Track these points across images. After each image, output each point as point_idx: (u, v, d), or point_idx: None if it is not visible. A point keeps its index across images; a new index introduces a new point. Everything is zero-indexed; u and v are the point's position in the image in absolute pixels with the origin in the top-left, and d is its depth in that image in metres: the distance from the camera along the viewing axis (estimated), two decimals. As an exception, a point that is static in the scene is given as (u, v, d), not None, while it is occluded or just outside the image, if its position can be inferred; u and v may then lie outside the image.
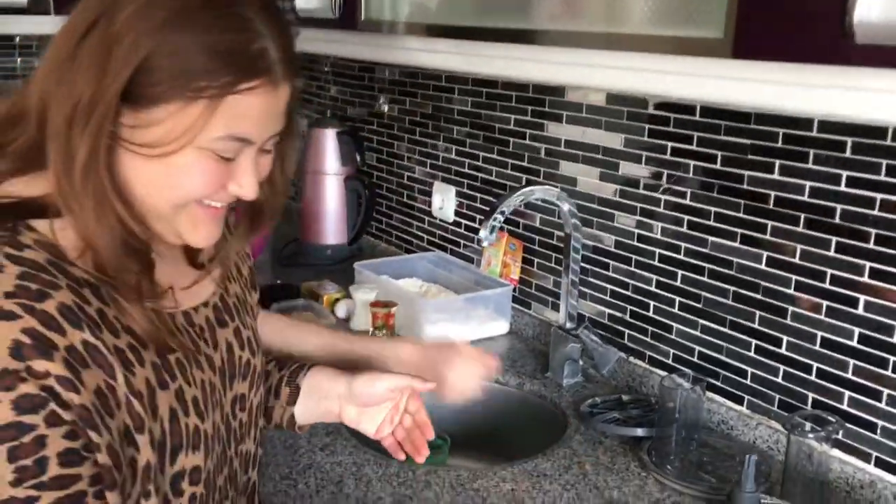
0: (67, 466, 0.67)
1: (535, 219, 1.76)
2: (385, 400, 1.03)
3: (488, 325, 1.78)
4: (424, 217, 2.12)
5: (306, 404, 1.04)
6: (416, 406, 1.05)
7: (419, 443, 1.05)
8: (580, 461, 1.29)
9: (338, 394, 1.04)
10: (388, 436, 1.05)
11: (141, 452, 0.73)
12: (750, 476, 1.09)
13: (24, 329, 0.66)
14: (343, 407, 1.03)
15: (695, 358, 1.44)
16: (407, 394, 1.04)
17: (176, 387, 0.78)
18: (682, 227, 1.43)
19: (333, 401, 1.04)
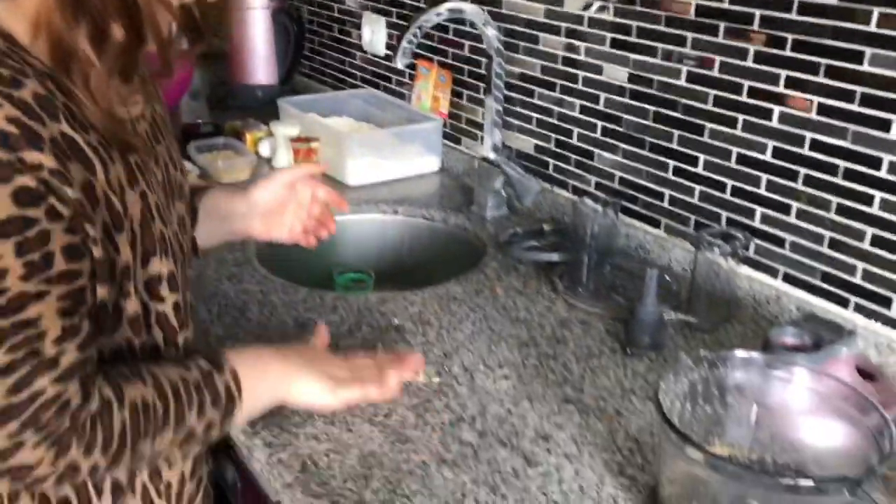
0: (71, 261, 0.66)
1: (463, 47, 1.68)
2: (286, 200, 1.04)
3: (418, 162, 1.73)
4: (356, 52, 2.03)
5: (207, 228, 1.02)
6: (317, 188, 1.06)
7: (325, 217, 1.08)
8: (492, 285, 1.27)
9: (241, 213, 1.04)
10: (300, 234, 1.07)
11: (120, 252, 0.72)
12: (651, 290, 1.08)
13: (7, 118, 0.63)
14: (248, 224, 1.04)
15: (616, 184, 1.40)
16: (305, 184, 1.05)
17: (140, 190, 0.74)
18: (605, 46, 1.36)
19: (237, 220, 1.04)
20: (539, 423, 0.95)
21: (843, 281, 1.11)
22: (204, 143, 1.74)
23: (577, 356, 1.09)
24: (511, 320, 1.17)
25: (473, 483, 0.85)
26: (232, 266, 1.31)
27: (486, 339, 1.12)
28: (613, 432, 0.93)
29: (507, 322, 1.17)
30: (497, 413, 0.96)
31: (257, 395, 0.81)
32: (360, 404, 0.93)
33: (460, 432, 0.93)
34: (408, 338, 1.12)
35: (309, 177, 1.05)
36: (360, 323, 1.16)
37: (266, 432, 0.92)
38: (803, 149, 1.11)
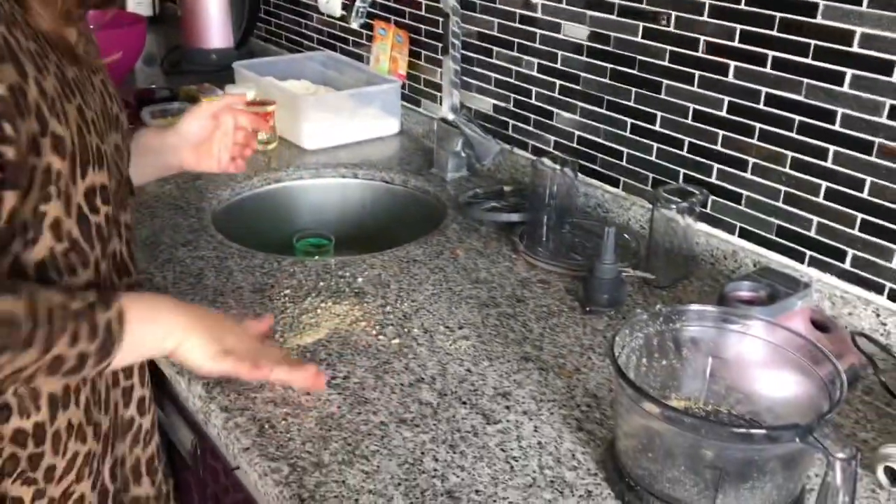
0: None
1: (420, 6, 1.65)
2: (212, 130, 1.08)
3: (377, 125, 1.71)
4: (313, 14, 1.99)
5: (141, 163, 1.01)
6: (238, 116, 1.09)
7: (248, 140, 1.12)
8: (452, 248, 1.27)
9: (171, 146, 1.07)
10: (228, 162, 1.10)
11: (42, 157, 0.71)
12: (609, 247, 1.08)
13: None
14: (179, 156, 1.07)
15: (574, 143, 1.40)
16: (227, 113, 1.08)
17: (77, 103, 0.76)
18: (562, 4, 1.34)
19: (168, 154, 1.07)
20: (498, 382, 0.95)
21: (799, 235, 1.12)
22: (158, 108, 1.70)
23: (537, 315, 1.09)
24: (471, 281, 1.17)
25: (433, 442, 0.85)
26: (187, 233, 1.29)
27: (446, 301, 1.12)
28: (572, 388, 0.94)
29: (468, 283, 1.16)
30: (457, 372, 0.96)
31: (141, 341, 0.78)
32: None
33: (419, 393, 0.92)
34: (367, 300, 1.11)
35: (230, 106, 1.09)
36: (319, 287, 1.14)
37: (222, 397, 0.91)
38: (759, 104, 1.11)
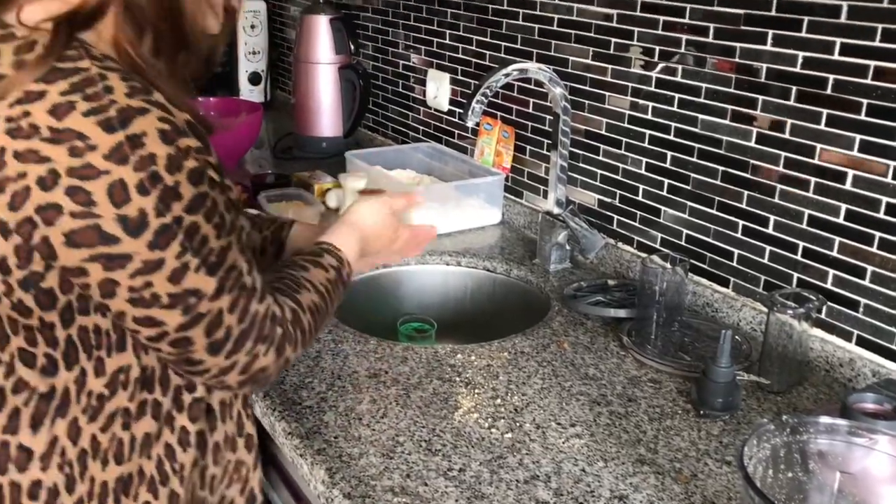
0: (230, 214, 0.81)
1: (527, 104, 1.71)
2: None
3: (480, 215, 1.76)
4: (420, 107, 2.07)
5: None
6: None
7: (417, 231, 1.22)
8: (559, 340, 1.28)
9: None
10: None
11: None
12: (725, 351, 1.08)
13: (158, 118, 0.74)
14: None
15: (682, 241, 1.41)
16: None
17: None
18: (673, 106, 1.38)
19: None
20: (614, 484, 0.95)
21: (921, 346, 1.09)
22: (274, 194, 1.79)
23: (650, 416, 1.08)
24: (580, 377, 1.18)
25: (551, 542, 0.85)
26: (303, 315, 1.34)
27: (556, 396, 1.13)
28: (690, 495, 0.93)
29: (577, 379, 1.17)
30: (572, 472, 0.97)
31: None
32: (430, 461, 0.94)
33: (536, 491, 0.93)
34: (478, 391, 1.13)
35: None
36: (430, 375, 1.17)
37: (344, 483, 0.93)
38: (879, 213, 1.11)
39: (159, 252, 0.74)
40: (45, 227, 0.72)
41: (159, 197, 0.73)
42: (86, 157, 0.70)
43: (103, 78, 0.72)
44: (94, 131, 0.70)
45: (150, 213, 0.73)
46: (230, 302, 0.80)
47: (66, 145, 0.70)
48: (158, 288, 0.76)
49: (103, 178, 0.71)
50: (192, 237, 0.76)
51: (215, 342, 0.81)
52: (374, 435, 1.02)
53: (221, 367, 0.83)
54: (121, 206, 0.72)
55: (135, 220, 0.72)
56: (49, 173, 0.70)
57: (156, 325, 0.78)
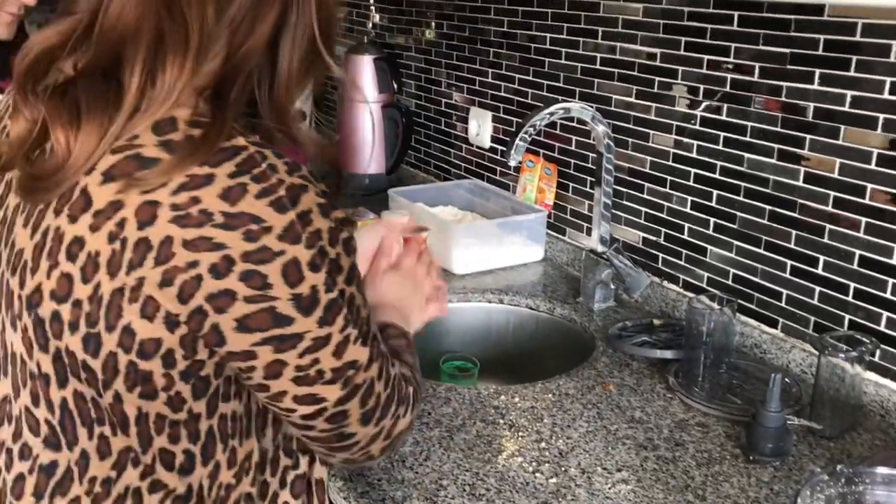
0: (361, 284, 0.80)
1: (570, 142, 1.71)
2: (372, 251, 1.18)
3: (523, 252, 1.76)
4: (462, 144, 2.09)
5: None
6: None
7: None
8: (604, 382, 1.27)
9: None
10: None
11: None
12: (775, 395, 1.06)
13: (316, 192, 0.72)
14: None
15: (729, 281, 1.39)
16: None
17: None
18: (718, 145, 1.37)
19: None
20: (662, 532, 0.93)
21: (981, 391, 1.06)
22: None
23: (698, 461, 1.06)
24: (626, 420, 1.16)
25: (598, 593, 0.83)
26: (347, 354, 1.34)
27: (601, 440, 1.11)
28: (741, 545, 0.91)
29: (623, 422, 1.16)
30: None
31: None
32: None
33: (582, 537, 0.92)
34: (521, 434, 1.12)
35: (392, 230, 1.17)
36: (474, 417, 1.16)
37: (388, 528, 0.93)
38: (934, 253, 1.09)
39: (328, 328, 0.73)
40: (216, 315, 0.69)
41: (328, 272, 0.72)
42: (261, 241, 0.68)
43: (263, 157, 0.69)
44: (268, 213, 0.68)
45: (320, 289, 0.71)
46: (378, 369, 0.80)
47: (242, 230, 0.67)
48: (324, 364, 0.74)
49: (278, 260, 0.68)
50: (351, 309, 0.75)
51: (367, 412, 0.81)
52: (418, 478, 1.02)
53: (370, 435, 0.83)
54: (295, 287, 0.70)
55: (308, 297, 0.71)
56: (222, 260, 0.67)
57: (316, 402, 0.76)
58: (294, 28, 0.74)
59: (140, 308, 0.68)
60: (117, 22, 0.69)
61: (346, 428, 0.80)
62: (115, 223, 0.67)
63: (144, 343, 0.70)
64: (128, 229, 0.67)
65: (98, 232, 0.68)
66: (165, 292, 0.68)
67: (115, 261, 0.68)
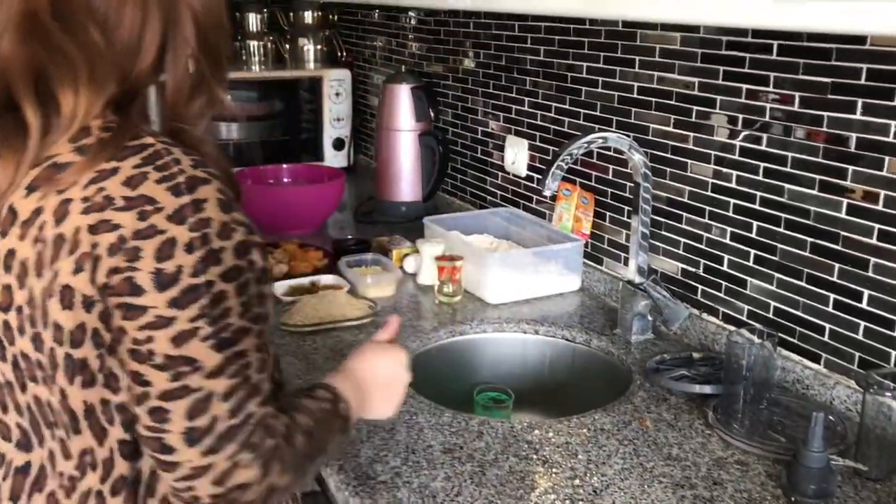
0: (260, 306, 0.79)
1: (607, 171, 1.70)
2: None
3: (559, 281, 1.74)
4: (498, 172, 2.09)
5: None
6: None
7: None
8: (641, 417, 1.24)
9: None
10: None
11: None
12: (817, 434, 1.02)
13: (217, 189, 0.77)
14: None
15: (770, 314, 1.36)
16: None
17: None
18: (758, 175, 1.34)
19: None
20: (700, 576, 0.90)
21: None
22: (354, 259, 1.81)
23: (737, 501, 1.03)
24: (663, 457, 1.13)
25: None
26: (380, 385, 1.34)
27: (637, 478, 1.09)
28: (782, 592, 0.87)
29: (660, 459, 1.13)
30: (654, 561, 0.92)
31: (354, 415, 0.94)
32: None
33: (616, 580, 0.89)
34: (555, 470, 1.10)
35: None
36: (507, 451, 1.15)
37: (418, 566, 0.91)
38: (985, 289, 1.05)
39: (175, 310, 0.73)
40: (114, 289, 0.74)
41: (201, 258, 0.74)
42: (150, 220, 0.73)
43: (169, 152, 0.77)
44: (163, 195, 0.74)
45: (185, 271, 0.73)
46: (226, 389, 0.75)
47: (136, 210, 0.73)
48: (158, 346, 0.74)
49: (159, 237, 0.73)
50: (214, 305, 0.74)
51: (195, 430, 0.74)
52: (449, 514, 1.01)
53: (195, 465, 0.74)
54: (161, 262, 0.73)
55: (168, 276, 0.73)
56: (118, 239, 0.73)
57: (142, 384, 0.75)
58: (175, 51, 0.81)
59: (59, 300, 0.75)
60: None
61: (165, 436, 0.74)
62: (38, 227, 0.75)
63: (73, 332, 0.75)
64: (47, 230, 0.74)
65: (25, 239, 0.75)
66: (78, 278, 0.74)
67: (40, 262, 0.75)
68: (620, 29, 1.59)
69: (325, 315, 1.56)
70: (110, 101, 0.78)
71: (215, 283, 0.74)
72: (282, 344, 1.48)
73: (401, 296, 1.72)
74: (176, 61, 0.82)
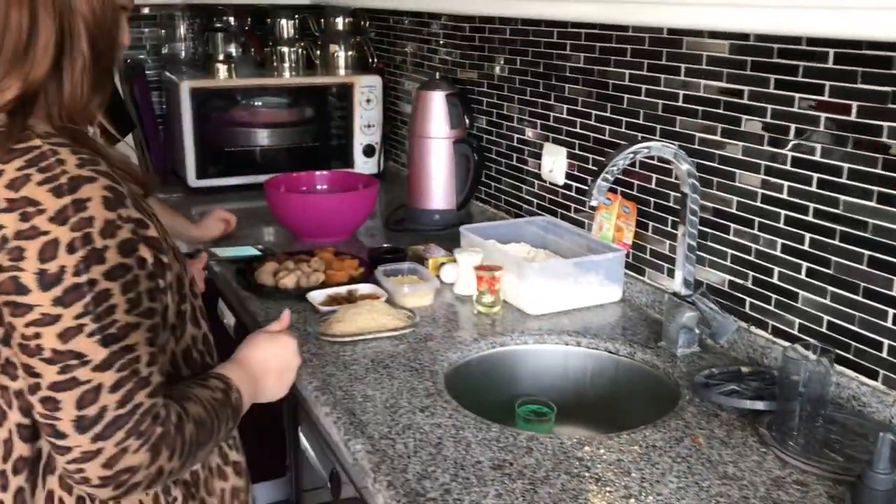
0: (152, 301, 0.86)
1: (650, 180, 1.67)
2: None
3: (599, 292, 1.71)
4: (534, 181, 2.06)
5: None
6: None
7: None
8: (693, 434, 1.21)
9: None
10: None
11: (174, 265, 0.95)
12: (883, 455, 0.99)
13: (104, 186, 0.82)
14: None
15: (823, 328, 1.32)
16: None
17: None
18: (812, 186, 1.31)
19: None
20: None
21: None
22: (391, 268, 1.80)
23: (800, 524, 1.00)
24: (719, 476, 1.10)
25: None
26: (424, 397, 1.32)
27: (693, 497, 1.06)
28: None
29: (715, 477, 1.10)
30: (718, 586, 0.90)
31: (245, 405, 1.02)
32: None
33: None
34: (609, 489, 1.08)
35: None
36: (558, 469, 1.12)
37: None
38: None
39: (60, 308, 0.79)
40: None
41: (83, 257, 0.79)
42: (33, 221, 0.78)
43: (55, 153, 0.81)
44: (45, 197, 0.79)
45: (68, 271, 0.78)
46: (115, 381, 0.80)
47: (19, 211, 0.78)
48: (45, 342, 0.79)
49: (41, 238, 0.78)
50: (99, 303, 0.80)
51: (84, 418, 0.79)
52: (504, 534, 0.98)
53: (85, 450, 0.80)
54: (45, 263, 0.78)
55: (52, 276, 0.78)
56: (1, 239, 0.78)
57: (33, 375, 0.81)
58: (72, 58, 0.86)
59: None
60: None
61: (57, 423, 0.80)
62: None
63: None
64: None
65: None
66: None
67: None
68: (665, 36, 1.57)
69: (364, 325, 1.54)
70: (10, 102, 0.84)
71: (98, 281, 0.79)
72: (321, 354, 1.46)
73: (438, 305, 1.70)
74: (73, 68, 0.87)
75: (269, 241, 2.14)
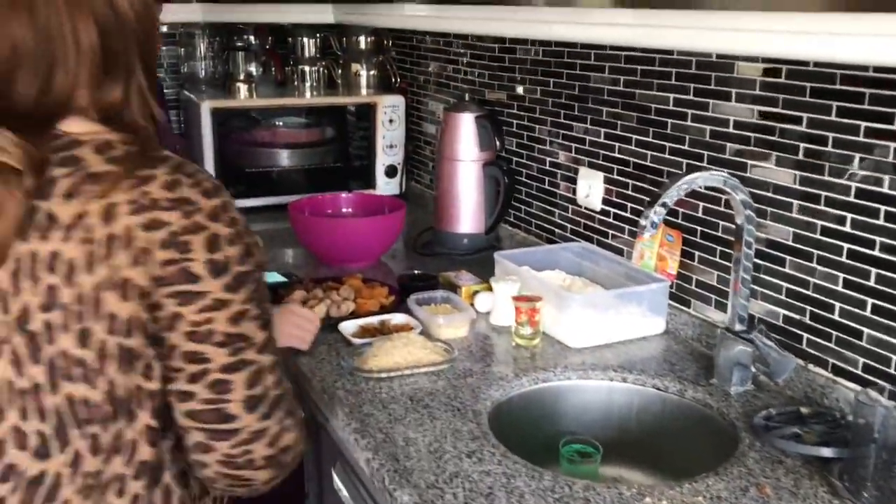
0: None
1: (697, 208, 1.61)
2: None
3: (642, 324, 1.64)
4: (568, 205, 2.00)
5: None
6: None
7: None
8: (759, 484, 1.14)
9: None
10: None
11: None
12: (980, 516, 0.92)
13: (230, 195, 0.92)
14: None
15: (891, 369, 1.25)
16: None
17: None
18: (878, 220, 1.25)
19: None
20: None
21: None
22: (424, 297, 1.73)
23: (891, 590, 0.93)
24: (794, 532, 1.04)
25: None
26: (469, 440, 1.25)
27: (770, 556, 0.99)
28: None
29: (791, 534, 1.03)
30: None
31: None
32: None
33: None
34: (678, 546, 1.01)
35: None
36: (620, 522, 1.05)
37: None
38: None
39: (231, 294, 0.86)
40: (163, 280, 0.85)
41: (242, 250, 0.88)
42: (194, 218, 0.85)
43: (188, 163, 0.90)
44: (198, 198, 0.87)
45: (233, 260, 0.87)
46: (272, 362, 0.89)
47: (181, 209, 0.85)
48: (217, 326, 0.85)
49: (203, 233, 0.85)
50: (258, 290, 0.89)
51: (253, 397, 0.87)
52: None
53: (253, 429, 0.87)
54: (212, 253, 0.85)
55: (221, 263, 0.86)
56: (168, 234, 0.84)
57: (202, 361, 0.85)
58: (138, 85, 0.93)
59: (118, 292, 0.83)
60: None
61: (227, 406, 0.85)
62: (84, 229, 0.83)
63: (127, 322, 0.84)
64: (96, 231, 0.83)
65: (70, 242, 0.82)
66: (137, 271, 0.83)
67: (90, 260, 0.82)
68: (714, 60, 1.51)
69: (400, 360, 1.47)
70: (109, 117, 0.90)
71: (254, 271, 0.89)
72: (357, 391, 1.39)
73: (474, 337, 1.64)
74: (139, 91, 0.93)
75: (292, 263, 2.08)
